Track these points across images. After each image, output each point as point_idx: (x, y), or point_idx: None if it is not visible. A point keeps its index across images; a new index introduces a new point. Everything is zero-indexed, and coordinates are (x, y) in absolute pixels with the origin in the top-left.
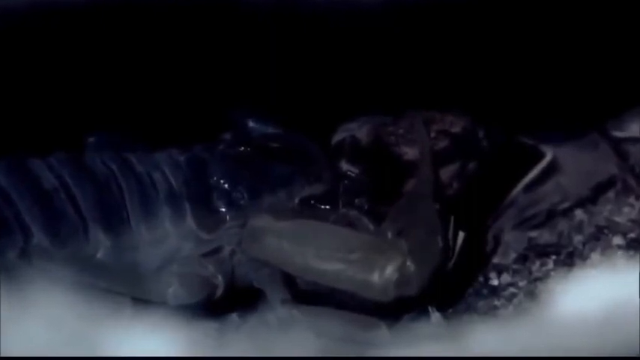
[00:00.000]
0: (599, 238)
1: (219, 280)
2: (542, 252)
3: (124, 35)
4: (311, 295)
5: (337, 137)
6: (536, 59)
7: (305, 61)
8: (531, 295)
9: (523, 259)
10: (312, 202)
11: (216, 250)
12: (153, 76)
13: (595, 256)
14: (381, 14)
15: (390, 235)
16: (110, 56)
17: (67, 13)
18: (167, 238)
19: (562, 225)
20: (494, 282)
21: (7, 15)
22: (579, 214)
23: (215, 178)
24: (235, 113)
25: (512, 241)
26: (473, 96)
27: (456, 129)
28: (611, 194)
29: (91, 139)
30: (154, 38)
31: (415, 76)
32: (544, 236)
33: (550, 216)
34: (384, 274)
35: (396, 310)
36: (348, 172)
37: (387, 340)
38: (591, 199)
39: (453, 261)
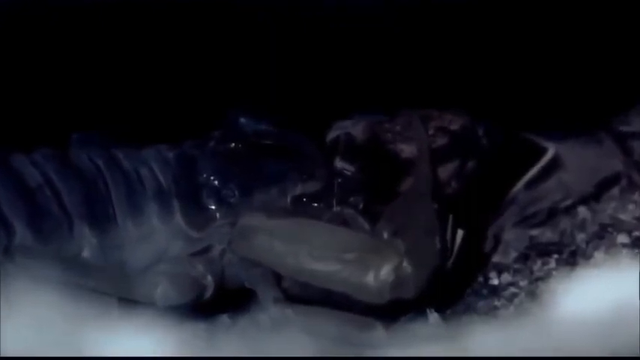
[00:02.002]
0: (603, 236)
1: (209, 280)
2: (544, 251)
3: (115, 31)
4: (304, 295)
5: (332, 134)
6: (538, 55)
7: (301, 59)
8: (532, 295)
9: (524, 258)
10: (306, 200)
11: (206, 250)
12: (144, 72)
13: (599, 255)
14: (378, 12)
15: (386, 235)
16: (101, 52)
17: (57, 9)
18: (155, 237)
19: (564, 223)
20: (495, 282)
21: None
22: (582, 211)
23: (205, 176)
24: (229, 110)
25: (512, 240)
26: (472, 93)
27: (455, 126)
28: (615, 191)
29: (77, 135)
30: (145, 34)
31: (414, 74)
32: (546, 235)
33: (552, 214)
34: (379, 276)
35: (392, 311)
36: (343, 170)
37: (384, 341)
38: (595, 196)
39: (452, 260)
